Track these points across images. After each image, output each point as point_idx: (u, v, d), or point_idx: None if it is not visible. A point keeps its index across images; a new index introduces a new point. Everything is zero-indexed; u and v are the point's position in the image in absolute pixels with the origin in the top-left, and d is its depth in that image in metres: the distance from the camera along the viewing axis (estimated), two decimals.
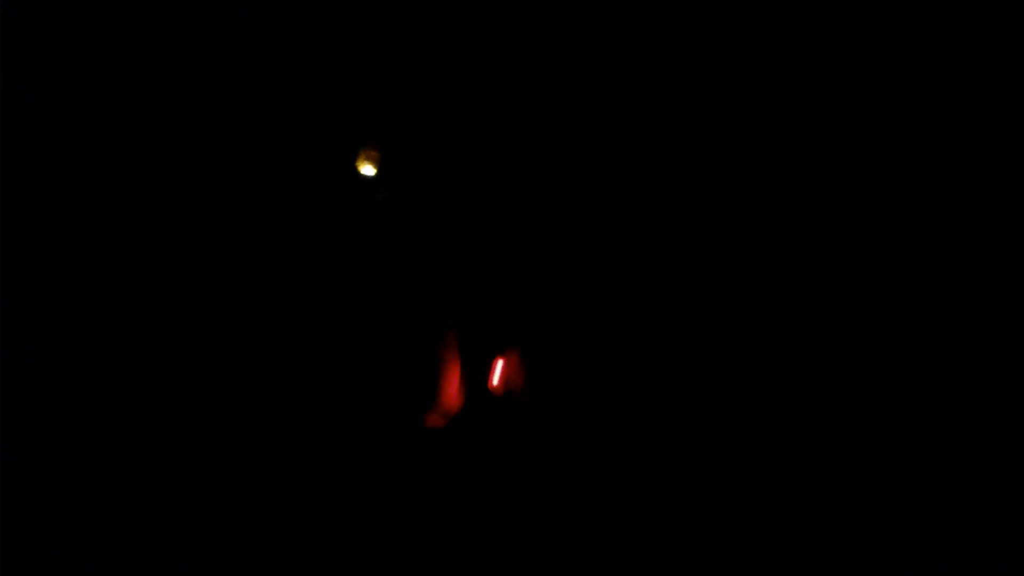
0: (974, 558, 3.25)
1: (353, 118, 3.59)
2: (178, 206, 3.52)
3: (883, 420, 3.38)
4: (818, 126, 3.51)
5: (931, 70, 3.46)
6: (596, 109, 3.58)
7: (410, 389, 3.48)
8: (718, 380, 3.46)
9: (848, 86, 3.49)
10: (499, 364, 3.51)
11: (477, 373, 3.52)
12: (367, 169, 3.32)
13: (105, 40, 3.50)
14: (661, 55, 3.55)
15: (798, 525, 3.34)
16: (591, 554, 3.36)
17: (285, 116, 3.56)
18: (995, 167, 3.42)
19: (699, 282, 3.51)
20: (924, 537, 3.29)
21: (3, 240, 3.40)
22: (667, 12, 3.54)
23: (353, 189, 3.57)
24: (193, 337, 3.47)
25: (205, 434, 3.42)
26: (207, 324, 3.48)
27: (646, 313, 3.51)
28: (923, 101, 3.46)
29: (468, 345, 3.53)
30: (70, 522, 3.32)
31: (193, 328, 3.47)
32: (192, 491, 3.38)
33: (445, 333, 3.50)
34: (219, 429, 3.42)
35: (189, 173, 3.53)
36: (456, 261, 3.56)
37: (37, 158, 3.47)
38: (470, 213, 3.57)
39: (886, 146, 3.48)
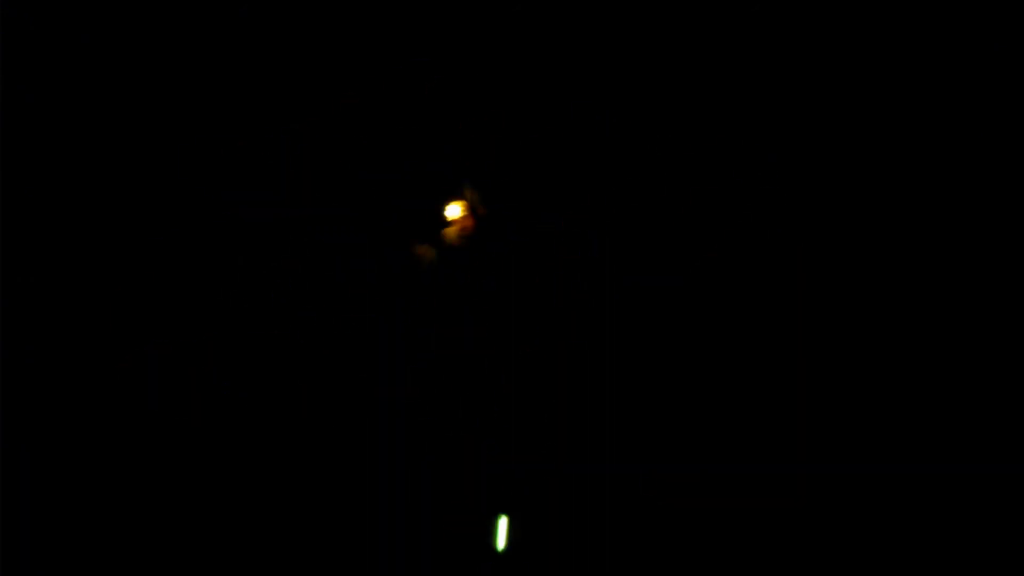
0: (974, 558, 3.25)
1: (354, 119, 3.58)
2: (178, 207, 3.52)
3: (884, 420, 3.39)
4: (818, 126, 3.51)
5: (931, 70, 3.46)
6: (598, 109, 3.58)
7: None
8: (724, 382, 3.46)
9: (848, 86, 3.49)
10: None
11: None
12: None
13: (105, 40, 3.50)
14: (661, 55, 3.55)
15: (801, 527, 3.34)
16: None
17: (285, 116, 3.56)
18: (995, 167, 3.42)
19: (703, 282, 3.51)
20: (924, 537, 3.29)
21: (3, 240, 3.40)
22: (667, 12, 3.54)
23: (353, 189, 3.57)
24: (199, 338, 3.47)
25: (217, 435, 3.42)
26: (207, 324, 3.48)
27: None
28: (923, 101, 3.46)
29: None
30: (69, 522, 3.32)
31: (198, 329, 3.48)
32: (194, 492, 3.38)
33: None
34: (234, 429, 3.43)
35: (189, 173, 3.53)
36: None
37: (37, 158, 3.47)
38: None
39: (886, 146, 3.48)
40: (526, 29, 3.56)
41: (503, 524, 3.34)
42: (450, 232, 3.47)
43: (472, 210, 3.46)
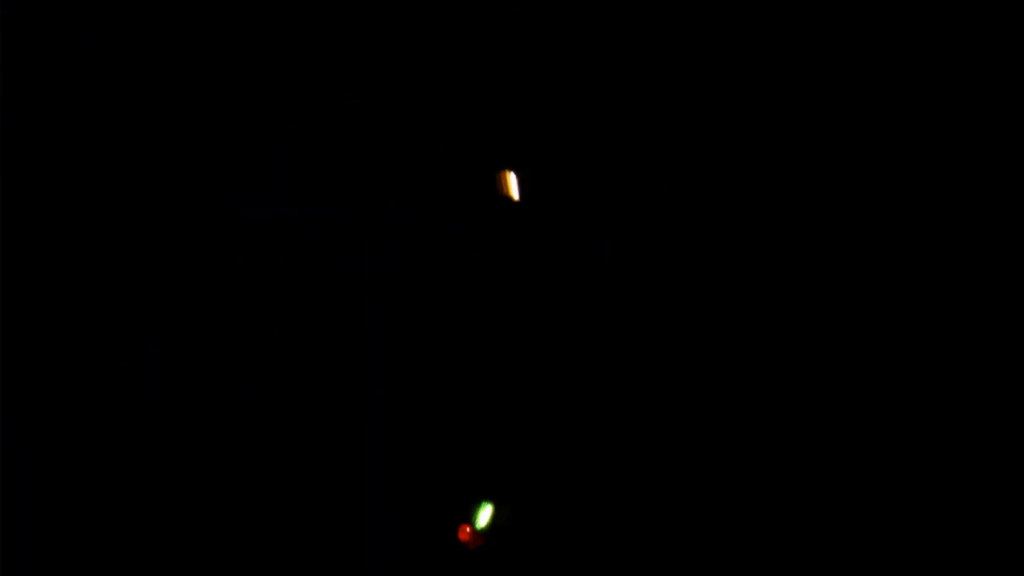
0: (974, 558, 3.25)
1: (354, 119, 3.59)
2: (178, 207, 3.52)
3: (884, 420, 3.38)
4: (818, 126, 3.51)
5: (931, 70, 3.46)
6: (596, 109, 3.58)
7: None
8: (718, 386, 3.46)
9: (848, 86, 3.49)
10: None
11: None
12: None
13: (105, 40, 3.50)
14: (661, 55, 3.55)
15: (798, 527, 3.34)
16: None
17: (285, 116, 3.56)
18: (995, 167, 3.42)
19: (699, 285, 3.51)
20: (924, 537, 3.29)
21: (3, 240, 3.40)
22: (667, 12, 3.54)
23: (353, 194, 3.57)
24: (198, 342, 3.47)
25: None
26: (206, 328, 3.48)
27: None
28: (923, 101, 3.46)
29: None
30: (69, 522, 3.33)
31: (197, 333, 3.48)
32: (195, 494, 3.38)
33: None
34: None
35: (190, 174, 3.53)
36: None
37: (37, 158, 3.47)
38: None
39: (887, 146, 3.48)
40: (526, 29, 3.56)
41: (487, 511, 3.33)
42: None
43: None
